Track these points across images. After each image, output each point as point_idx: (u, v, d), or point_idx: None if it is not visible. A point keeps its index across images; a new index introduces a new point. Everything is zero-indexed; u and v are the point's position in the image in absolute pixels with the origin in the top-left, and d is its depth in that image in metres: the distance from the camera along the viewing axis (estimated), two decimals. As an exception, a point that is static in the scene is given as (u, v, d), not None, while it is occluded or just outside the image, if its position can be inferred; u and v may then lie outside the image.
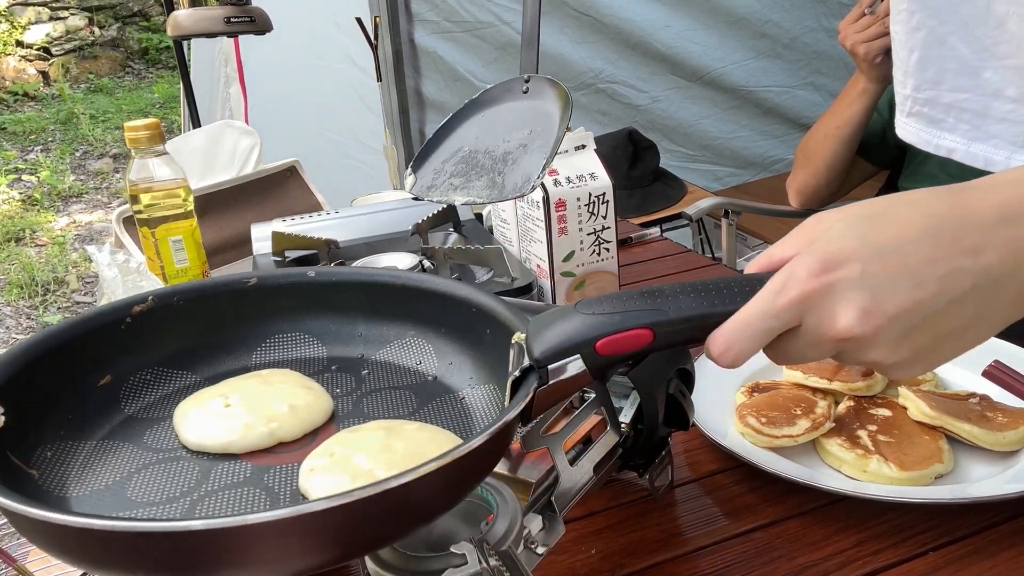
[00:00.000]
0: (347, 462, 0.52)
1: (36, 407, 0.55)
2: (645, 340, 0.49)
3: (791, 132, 2.79)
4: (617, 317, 0.49)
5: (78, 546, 0.42)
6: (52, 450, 0.56)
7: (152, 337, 0.64)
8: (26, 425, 0.54)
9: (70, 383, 0.59)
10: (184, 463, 0.57)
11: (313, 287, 0.68)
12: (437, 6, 2.46)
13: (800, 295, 0.46)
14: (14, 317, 3.67)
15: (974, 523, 0.66)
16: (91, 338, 0.61)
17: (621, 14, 2.55)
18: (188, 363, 0.66)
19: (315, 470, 0.52)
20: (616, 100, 2.66)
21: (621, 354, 0.50)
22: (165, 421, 0.61)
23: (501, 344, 0.58)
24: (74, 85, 6.71)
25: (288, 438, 0.58)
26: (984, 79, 0.76)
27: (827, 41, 2.73)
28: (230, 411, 0.58)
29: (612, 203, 0.99)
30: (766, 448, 0.74)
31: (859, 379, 0.79)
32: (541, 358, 0.50)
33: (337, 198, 1.40)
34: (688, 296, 0.49)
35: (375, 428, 0.57)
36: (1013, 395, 0.75)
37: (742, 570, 0.64)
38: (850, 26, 1.35)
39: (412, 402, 0.63)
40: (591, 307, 0.50)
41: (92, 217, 4.69)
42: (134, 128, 0.97)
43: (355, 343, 0.68)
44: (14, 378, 0.54)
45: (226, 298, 0.68)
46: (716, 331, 0.49)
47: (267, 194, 1.31)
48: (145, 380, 0.64)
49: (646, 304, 0.49)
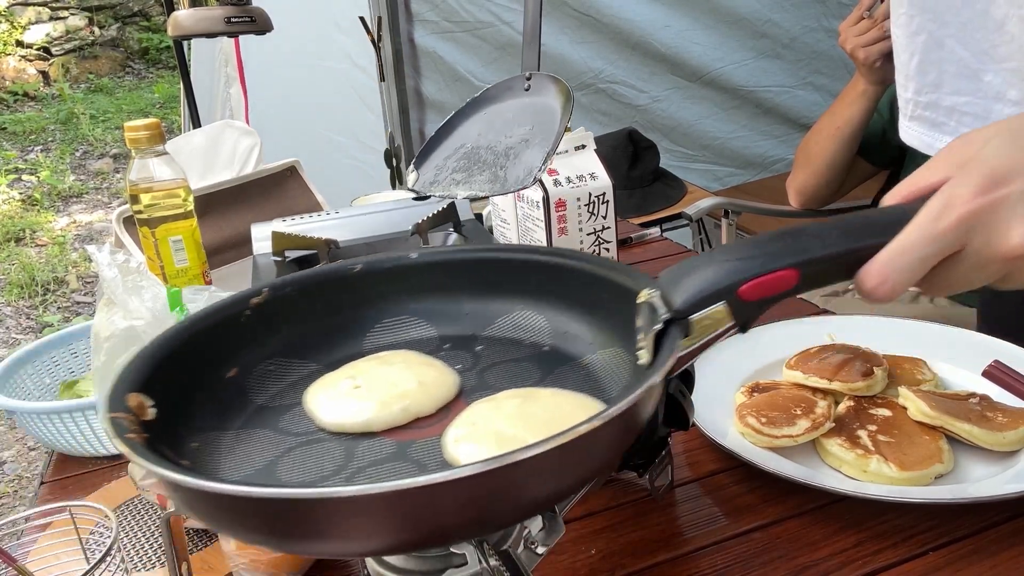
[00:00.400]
0: (490, 429, 0.53)
1: (177, 401, 0.56)
2: (791, 281, 0.47)
3: (791, 132, 2.79)
4: (759, 259, 0.48)
5: (261, 519, 0.44)
6: (197, 441, 0.57)
7: (270, 328, 0.66)
8: (171, 419, 0.55)
9: (202, 377, 0.60)
10: (326, 444, 0.58)
11: (418, 269, 0.69)
12: (437, 6, 2.46)
13: (966, 214, 0.45)
14: (14, 317, 3.67)
15: (974, 523, 0.66)
16: (216, 332, 0.62)
17: (621, 14, 2.55)
18: (305, 352, 0.67)
19: (459, 440, 0.53)
20: (616, 100, 2.66)
21: (766, 298, 0.48)
22: (296, 407, 0.62)
23: (621, 307, 0.58)
24: (74, 85, 6.71)
25: (423, 413, 0.59)
26: (985, 82, 0.76)
27: (827, 41, 2.73)
28: (360, 391, 0.59)
29: (612, 203, 0.99)
30: (766, 448, 0.74)
31: (859, 379, 0.79)
32: (683, 307, 0.48)
33: (337, 198, 1.40)
34: (832, 233, 0.48)
35: (510, 396, 0.57)
36: (1013, 395, 0.75)
37: (742, 570, 0.64)
38: (849, 29, 1.35)
39: (536, 372, 0.63)
40: (730, 252, 0.49)
41: (92, 217, 4.69)
42: (134, 128, 0.97)
43: (463, 321, 0.69)
44: (153, 375, 0.56)
45: (335, 285, 0.69)
46: (868, 264, 0.47)
47: (267, 194, 1.31)
48: (268, 371, 0.65)
49: (788, 244, 0.48)
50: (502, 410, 0.55)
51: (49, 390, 0.99)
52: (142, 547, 0.74)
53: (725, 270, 0.48)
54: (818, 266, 0.47)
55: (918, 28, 0.79)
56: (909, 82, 0.82)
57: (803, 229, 0.48)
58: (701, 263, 0.49)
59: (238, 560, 0.65)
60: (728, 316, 0.48)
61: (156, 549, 0.74)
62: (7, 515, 1.21)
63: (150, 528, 0.77)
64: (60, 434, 0.87)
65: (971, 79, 0.77)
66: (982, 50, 0.75)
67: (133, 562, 0.72)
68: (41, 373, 0.99)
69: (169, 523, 0.54)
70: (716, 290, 0.48)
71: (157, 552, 0.73)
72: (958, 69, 0.78)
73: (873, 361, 0.81)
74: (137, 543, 0.75)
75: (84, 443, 0.88)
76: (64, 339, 1.02)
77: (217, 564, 0.69)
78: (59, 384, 1.00)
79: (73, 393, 0.97)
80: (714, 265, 0.48)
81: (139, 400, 0.53)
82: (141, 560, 0.73)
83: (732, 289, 0.47)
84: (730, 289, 0.47)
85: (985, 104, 0.77)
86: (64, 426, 0.86)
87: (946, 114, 0.81)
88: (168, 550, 0.55)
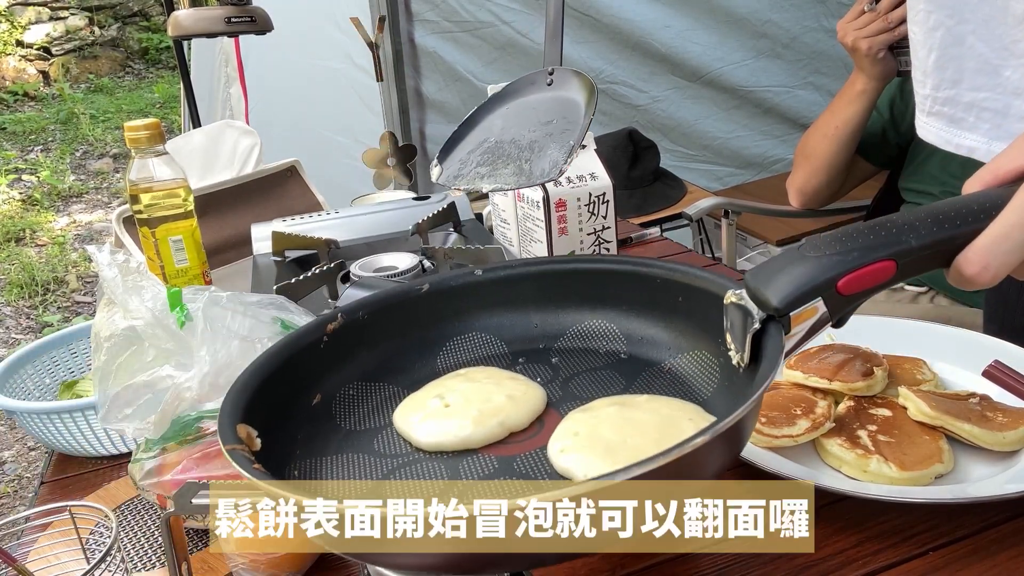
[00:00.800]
0: (596, 437, 0.52)
1: (271, 431, 0.57)
2: (888, 273, 0.47)
3: (791, 132, 2.79)
4: (855, 253, 0.47)
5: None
6: (298, 469, 0.57)
7: (347, 352, 0.66)
8: (271, 448, 0.55)
9: (292, 405, 0.61)
10: (427, 464, 0.58)
11: (484, 286, 0.69)
12: (437, 6, 2.46)
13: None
14: (14, 317, 3.67)
15: (974, 523, 0.66)
16: (298, 359, 0.63)
17: (621, 14, 2.55)
18: (383, 375, 0.68)
19: (566, 450, 0.53)
20: (616, 100, 2.66)
21: (863, 291, 0.48)
22: (386, 429, 0.62)
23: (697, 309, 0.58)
24: (74, 85, 6.71)
25: (518, 427, 0.59)
26: (1004, 77, 0.76)
27: (827, 41, 2.72)
28: (451, 409, 0.59)
29: (612, 203, 0.99)
30: (766, 448, 0.74)
31: (859, 379, 0.79)
32: (782, 306, 0.48)
33: (337, 198, 1.40)
34: (925, 222, 0.48)
35: (606, 404, 0.57)
36: (1013, 395, 0.75)
37: (742, 570, 0.64)
38: (849, 24, 1.35)
39: (619, 380, 0.63)
40: (821, 248, 0.48)
41: (92, 217, 4.68)
42: (134, 128, 0.97)
43: (533, 334, 0.69)
44: (249, 405, 0.56)
45: (405, 306, 0.70)
46: (967, 250, 0.47)
47: (267, 194, 1.31)
48: (349, 395, 0.66)
49: (882, 236, 0.48)
50: (601, 418, 0.55)
51: (49, 390, 0.99)
52: (142, 547, 0.74)
53: (822, 265, 0.48)
54: (915, 255, 0.47)
55: (936, 24, 0.78)
56: (927, 78, 0.82)
57: (893, 219, 0.48)
58: (792, 260, 0.49)
59: (238, 560, 0.65)
60: (825, 311, 0.48)
61: (156, 549, 0.74)
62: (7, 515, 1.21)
63: (150, 528, 0.77)
64: (60, 434, 0.87)
65: (991, 75, 0.77)
66: (1002, 45, 0.75)
67: (133, 562, 0.72)
68: (41, 373, 0.99)
69: (169, 523, 0.54)
70: (814, 285, 0.47)
71: (157, 552, 0.73)
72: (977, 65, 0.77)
73: (873, 361, 0.81)
74: (137, 543, 0.75)
75: (84, 443, 0.88)
76: (64, 339, 1.02)
77: (217, 564, 0.69)
78: (59, 384, 1.00)
79: (73, 393, 0.97)
80: (808, 261, 0.48)
81: (247, 431, 0.54)
82: (141, 560, 0.73)
83: (831, 283, 0.47)
84: (829, 283, 0.47)
85: (1004, 99, 0.77)
86: (64, 426, 0.86)
87: (965, 110, 0.80)
88: (168, 550, 0.55)
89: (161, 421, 0.71)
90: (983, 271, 0.47)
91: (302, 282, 0.98)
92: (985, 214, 0.47)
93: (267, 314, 0.77)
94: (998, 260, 0.46)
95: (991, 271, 0.47)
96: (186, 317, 0.74)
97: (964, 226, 0.47)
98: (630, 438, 0.52)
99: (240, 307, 0.75)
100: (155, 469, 0.71)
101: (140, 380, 0.72)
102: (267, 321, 0.76)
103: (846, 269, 0.47)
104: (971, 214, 0.48)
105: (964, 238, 0.47)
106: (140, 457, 0.73)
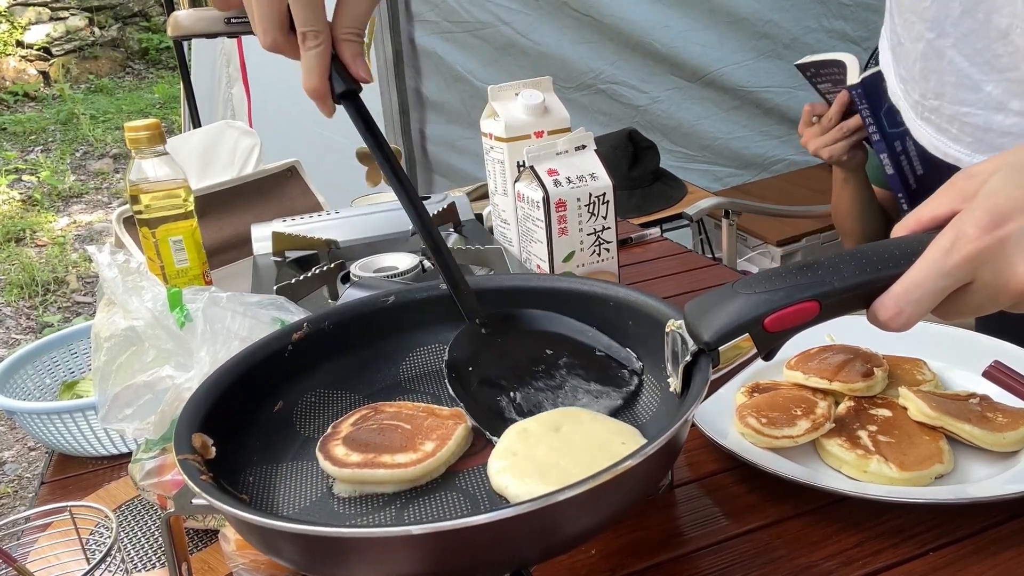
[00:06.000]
0: (531, 459, 0.55)
1: (230, 437, 0.58)
2: (812, 312, 0.50)
3: (791, 132, 2.78)
4: (781, 292, 0.50)
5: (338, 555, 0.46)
6: (252, 476, 0.59)
7: (311, 361, 0.68)
8: (228, 454, 0.57)
9: (251, 412, 0.63)
10: None
11: (447, 298, 0.70)
12: (437, 6, 2.46)
13: (974, 251, 0.46)
14: (14, 317, 3.67)
15: (974, 523, 0.66)
16: (261, 368, 0.65)
17: (621, 14, 2.55)
18: (345, 382, 0.69)
19: (502, 471, 0.55)
20: (616, 100, 2.66)
21: (788, 328, 0.50)
22: None
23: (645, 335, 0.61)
24: (74, 85, 6.71)
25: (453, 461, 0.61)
26: (986, 93, 0.76)
27: (827, 41, 2.73)
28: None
29: (612, 203, 0.99)
30: (766, 448, 0.74)
31: (859, 379, 0.79)
32: (712, 340, 0.50)
33: (337, 198, 1.40)
34: (848, 264, 0.50)
35: (552, 417, 0.60)
36: (1013, 395, 0.75)
37: (742, 570, 0.64)
38: (807, 131, 1.34)
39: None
40: (751, 286, 0.51)
41: (92, 217, 4.69)
42: (134, 128, 0.97)
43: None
44: (210, 412, 0.58)
45: (370, 317, 0.71)
46: (883, 296, 0.48)
47: (267, 194, 1.31)
48: (311, 403, 0.67)
49: (807, 277, 0.50)
50: (539, 437, 0.57)
51: (49, 390, 0.99)
52: (142, 547, 0.74)
53: (751, 303, 0.50)
54: (837, 297, 0.49)
55: (917, 35, 0.78)
56: (916, 84, 0.82)
57: (820, 262, 0.50)
58: (725, 296, 0.51)
59: (238, 560, 0.65)
60: (752, 345, 0.51)
61: (156, 549, 0.74)
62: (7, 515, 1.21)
63: (150, 528, 0.77)
64: (60, 434, 0.87)
65: (972, 90, 0.77)
66: (984, 60, 0.75)
67: (133, 562, 0.72)
68: (41, 373, 0.99)
69: (169, 523, 0.55)
70: (743, 322, 0.50)
71: (157, 552, 0.73)
72: (958, 79, 0.77)
73: (873, 361, 0.81)
74: (137, 543, 0.75)
75: (84, 443, 0.88)
76: (64, 339, 1.02)
77: (217, 564, 0.69)
78: (59, 384, 1.00)
79: (73, 393, 0.97)
80: (738, 298, 0.51)
81: (202, 440, 0.55)
82: (141, 560, 0.73)
83: (757, 321, 0.50)
84: (755, 321, 0.50)
85: (986, 115, 0.77)
86: (64, 426, 0.86)
87: (948, 122, 0.80)
88: (168, 550, 0.55)
89: (161, 421, 0.71)
90: (896, 316, 0.48)
91: (302, 282, 0.98)
92: (905, 259, 0.49)
93: (267, 315, 0.77)
94: (911, 307, 0.48)
95: (903, 317, 0.48)
96: (186, 317, 0.74)
97: (885, 271, 0.49)
98: (562, 460, 0.54)
99: (240, 307, 0.75)
100: (155, 469, 0.71)
101: (140, 380, 0.72)
102: (267, 322, 0.76)
103: (772, 308, 0.50)
104: (892, 259, 0.49)
105: (884, 282, 0.49)
106: (140, 457, 0.73)
